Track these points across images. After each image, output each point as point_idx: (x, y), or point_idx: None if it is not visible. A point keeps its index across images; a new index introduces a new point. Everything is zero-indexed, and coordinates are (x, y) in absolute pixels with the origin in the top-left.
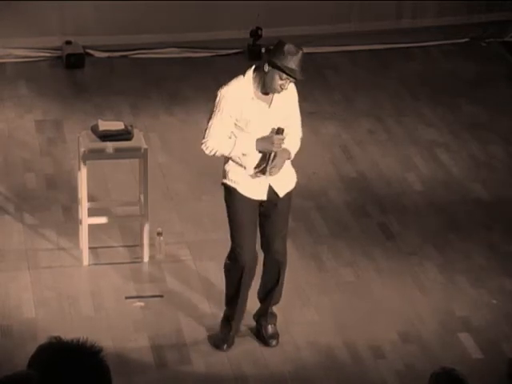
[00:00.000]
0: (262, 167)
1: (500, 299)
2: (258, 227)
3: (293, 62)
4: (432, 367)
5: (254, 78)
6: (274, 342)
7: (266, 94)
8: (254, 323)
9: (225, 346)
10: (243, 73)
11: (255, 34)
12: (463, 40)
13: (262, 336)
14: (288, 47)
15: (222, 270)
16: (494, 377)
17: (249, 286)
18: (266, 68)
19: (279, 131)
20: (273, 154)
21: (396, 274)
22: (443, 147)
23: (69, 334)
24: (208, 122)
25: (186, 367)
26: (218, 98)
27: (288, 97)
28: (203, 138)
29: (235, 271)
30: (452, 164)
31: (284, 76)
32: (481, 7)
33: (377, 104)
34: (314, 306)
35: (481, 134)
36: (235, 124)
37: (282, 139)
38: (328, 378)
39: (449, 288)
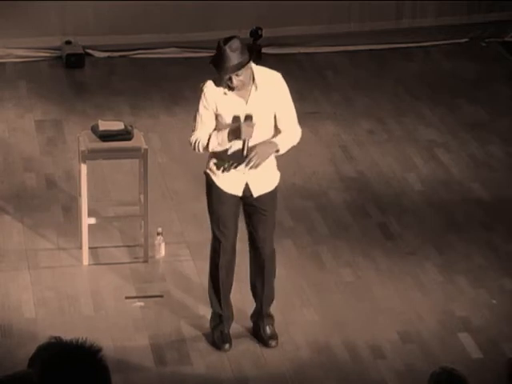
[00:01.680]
0: (240, 158)
1: (500, 299)
2: (237, 221)
3: (222, 60)
4: (432, 367)
5: None
6: (273, 343)
7: (239, 89)
8: (251, 324)
9: (227, 346)
10: None
11: (255, 33)
12: (463, 40)
13: (260, 337)
14: (218, 47)
15: None
16: (494, 377)
17: (226, 281)
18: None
19: (247, 118)
20: (247, 143)
21: (396, 274)
22: (443, 147)
23: (69, 333)
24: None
25: (186, 367)
26: (200, 93)
27: (273, 92)
28: (192, 131)
29: (215, 265)
30: (452, 164)
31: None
32: (481, 7)
33: (376, 104)
34: (313, 306)
35: (480, 134)
36: (217, 118)
37: (251, 126)
38: (328, 378)
39: (448, 288)
